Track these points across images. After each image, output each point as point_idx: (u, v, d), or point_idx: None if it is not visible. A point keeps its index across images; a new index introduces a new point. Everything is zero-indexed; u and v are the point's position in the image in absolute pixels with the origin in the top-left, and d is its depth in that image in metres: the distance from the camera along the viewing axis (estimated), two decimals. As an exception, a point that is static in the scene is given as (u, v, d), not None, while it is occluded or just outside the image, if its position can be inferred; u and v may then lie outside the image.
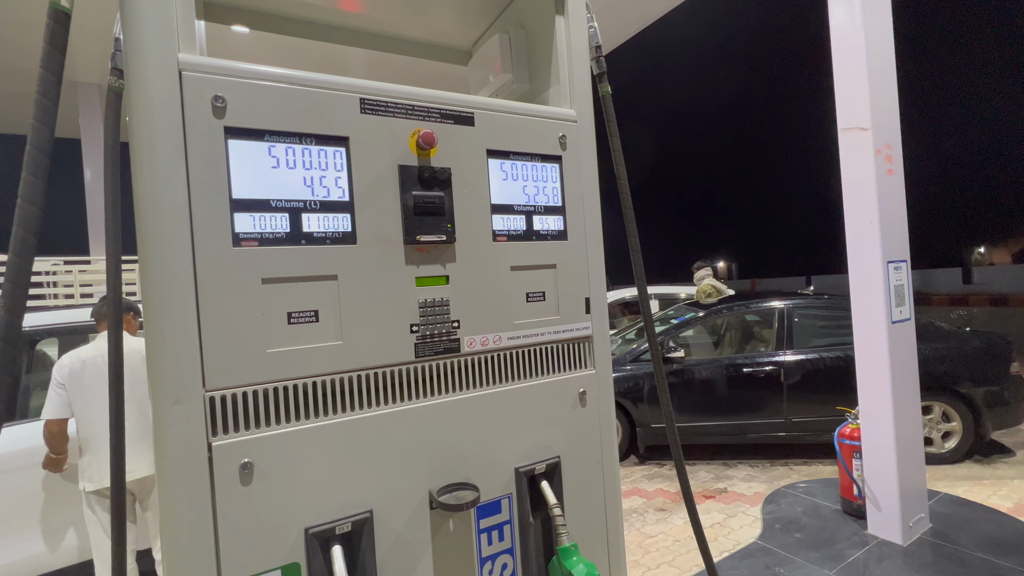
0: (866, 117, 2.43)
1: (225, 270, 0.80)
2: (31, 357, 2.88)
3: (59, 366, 2.42)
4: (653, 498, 4.20)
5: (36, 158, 0.74)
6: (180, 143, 0.77)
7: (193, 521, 0.77)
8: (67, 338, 3.33)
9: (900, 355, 2.57)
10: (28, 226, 0.72)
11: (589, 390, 1.17)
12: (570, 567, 0.97)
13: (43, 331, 2.94)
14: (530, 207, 1.10)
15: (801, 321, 4.91)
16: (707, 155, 43.52)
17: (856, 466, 2.78)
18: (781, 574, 2.41)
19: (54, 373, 2.40)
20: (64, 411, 2.38)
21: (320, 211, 0.88)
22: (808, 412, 4.55)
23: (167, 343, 0.76)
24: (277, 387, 0.83)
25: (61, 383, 2.37)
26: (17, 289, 0.71)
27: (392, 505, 0.92)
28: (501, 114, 1.07)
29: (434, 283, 0.98)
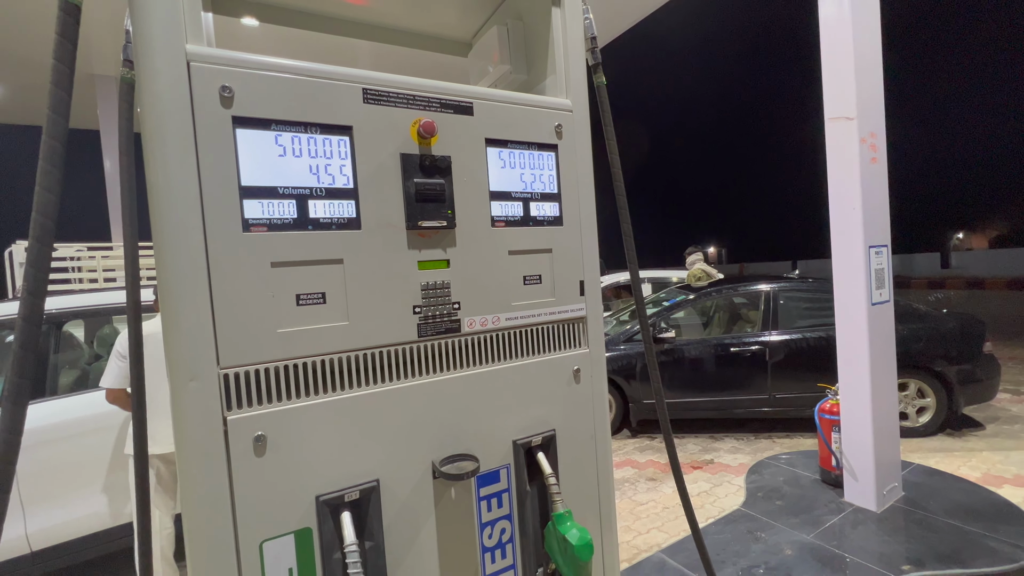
0: (852, 107, 2.40)
1: (236, 254, 0.79)
2: (58, 338, 2.90)
3: (122, 338, 2.45)
4: (644, 468, 4.25)
5: (52, 147, 0.73)
6: (190, 132, 0.76)
7: (211, 490, 0.78)
8: (92, 320, 3.35)
9: (879, 335, 2.57)
10: (46, 212, 0.71)
11: (583, 368, 1.17)
12: (564, 532, 0.99)
13: (69, 313, 2.95)
14: (527, 194, 1.09)
15: (786, 303, 4.91)
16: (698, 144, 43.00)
17: (835, 439, 2.80)
18: (762, 538, 2.46)
19: (116, 346, 2.44)
20: (122, 382, 2.42)
21: (326, 198, 0.87)
22: (791, 389, 4.58)
23: (182, 324, 0.76)
24: (287, 365, 0.84)
25: (124, 355, 2.40)
26: (38, 272, 0.71)
27: (397, 475, 0.93)
28: (499, 104, 1.05)
29: (435, 267, 0.97)
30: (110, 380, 2.42)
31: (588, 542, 0.97)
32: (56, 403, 2.70)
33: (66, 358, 3.06)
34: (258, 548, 0.81)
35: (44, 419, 2.61)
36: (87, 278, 5.49)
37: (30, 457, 2.53)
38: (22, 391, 0.69)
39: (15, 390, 0.69)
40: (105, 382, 2.43)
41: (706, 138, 42.75)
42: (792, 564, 2.24)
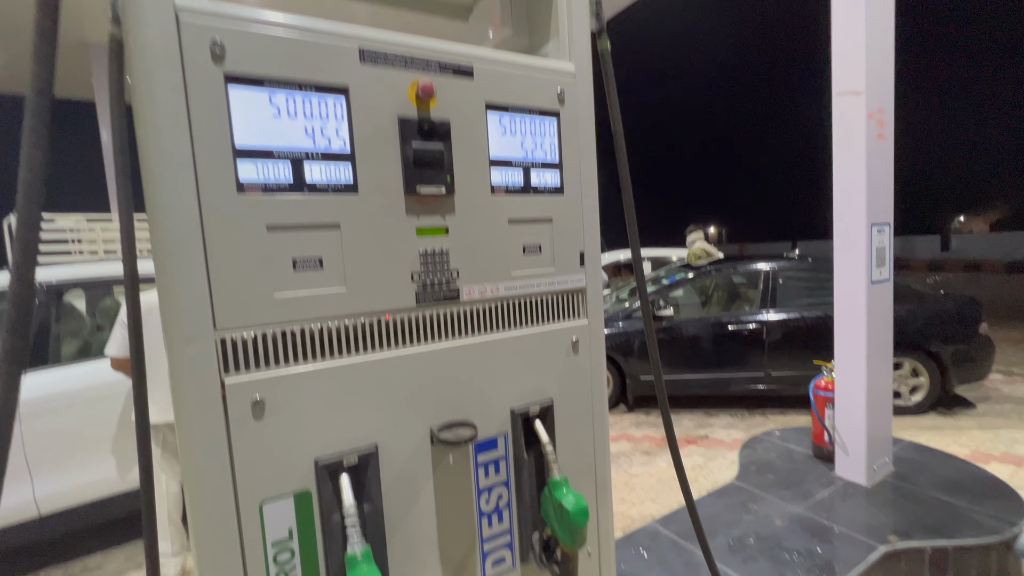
0: (861, 81, 2.33)
1: (230, 217, 0.77)
2: (59, 307, 2.90)
3: (125, 308, 2.45)
4: (639, 443, 4.32)
5: (38, 104, 0.70)
6: (180, 90, 0.74)
7: (210, 452, 0.78)
8: (93, 291, 3.35)
9: (877, 314, 2.57)
10: (35, 170, 0.69)
11: (581, 339, 1.16)
12: (560, 498, 1.00)
13: (70, 283, 2.95)
14: (528, 162, 1.06)
15: (785, 283, 4.90)
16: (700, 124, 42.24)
17: (828, 415, 2.83)
18: (754, 510, 2.50)
19: (120, 315, 2.45)
20: (126, 350, 2.42)
21: (322, 161, 0.84)
22: (786, 367, 4.62)
23: (177, 286, 0.75)
24: (285, 330, 0.83)
25: (126, 324, 2.40)
26: (30, 233, 0.69)
27: (396, 440, 0.93)
28: (500, 67, 1.01)
29: (434, 234, 0.96)
30: (114, 349, 2.43)
31: (583, 508, 0.98)
32: (60, 372, 2.71)
33: (68, 328, 3.07)
34: (258, 509, 0.81)
35: (48, 387, 2.63)
36: (87, 249, 5.46)
37: (36, 425, 2.56)
38: (18, 351, 0.68)
39: (12, 351, 0.68)
40: (110, 351, 2.44)
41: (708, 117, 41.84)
42: (782, 534, 2.29)
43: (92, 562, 2.85)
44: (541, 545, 1.10)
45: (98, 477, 2.73)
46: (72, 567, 2.81)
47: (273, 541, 0.83)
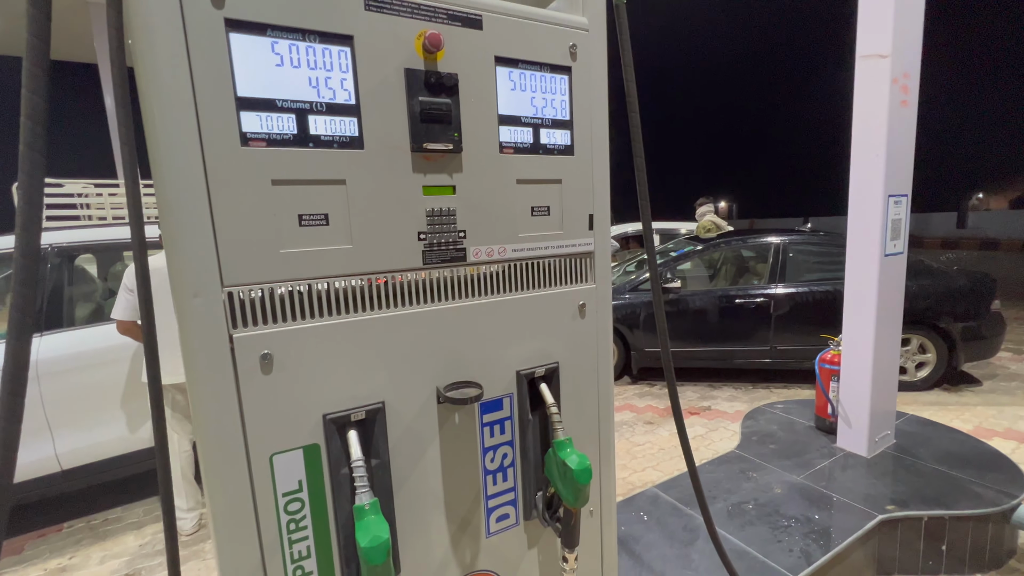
0: (887, 44, 2.23)
1: (235, 169, 0.76)
2: (71, 271, 2.93)
3: (129, 272, 2.47)
4: (642, 413, 4.37)
5: (35, 47, 0.68)
6: (180, 36, 0.71)
7: (220, 406, 0.79)
8: (104, 255, 3.37)
9: (888, 287, 2.53)
10: (35, 117, 0.68)
11: (588, 303, 1.16)
12: (564, 457, 1.01)
13: (80, 247, 2.97)
14: (537, 120, 1.03)
15: (795, 256, 4.84)
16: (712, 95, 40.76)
17: (832, 388, 2.83)
18: (753, 478, 2.54)
19: (124, 279, 2.47)
20: (131, 314, 2.46)
21: (326, 113, 0.82)
22: (792, 341, 4.61)
23: (183, 240, 0.74)
24: (292, 286, 0.83)
25: (130, 288, 2.43)
26: (31, 208, 0.69)
27: (403, 398, 0.94)
28: (510, 18, 0.97)
29: (441, 192, 0.94)
30: (119, 312, 2.46)
31: (587, 467, 0.99)
32: (74, 334, 2.76)
33: (80, 291, 3.11)
34: (268, 460, 0.83)
35: (64, 349, 2.69)
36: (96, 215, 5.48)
37: (53, 384, 2.63)
38: (24, 327, 0.68)
39: (21, 300, 0.68)
40: (115, 314, 2.47)
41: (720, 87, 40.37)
42: (780, 501, 2.33)
43: (112, 515, 2.97)
44: (544, 503, 1.12)
45: (114, 435, 2.82)
46: (94, 519, 2.93)
47: (284, 492, 0.85)
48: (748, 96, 37.87)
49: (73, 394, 2.69)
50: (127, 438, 2.86)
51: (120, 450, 2.86)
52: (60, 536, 2.78)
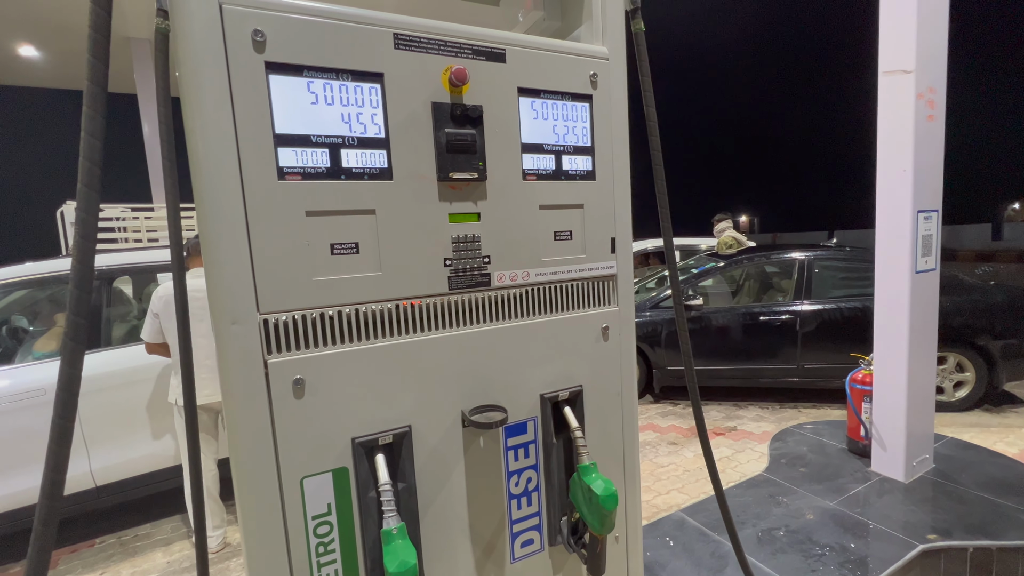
0: (910, 59, 2.20)
1: (272, 202, 0.80)
2: (109, 293, 3.05)
3: (155, 296, 2.57)
4: (666, 433, 4.28)
5: (94, 93, 0.74)
6: (224, 79, 0.76)
7: (254, 429, 0.81)
8: (139, 276, 3.51)
9: (921, 304, 2.45)
10: (92, 157, 0.73)
11: (612, 326, 1.16)
12: (589, 483, 1.00)
13: (118, 270, 3.10)
14: (559, 146, 1.06)
15: (821, 272, 4.73)
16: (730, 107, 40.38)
17: (865, 409, 2.74)
18: (784, 502, 2.46)
19: (151, 301, 2.57)
20: (156, 336, 2.56)
21: (358, 147, 0.86)
22: (821, 359, 4.47)
23: (222, 270, 0.78)
24: (323, 312, 0.85)
25: (155, 312, 2.53)
26: (86, 242, 0.73)
27: (429, 422, 0.95)
28: (532, 51, 1.00)
29: (466, 219, 0.96)
30: (146, 334, 2.56)
31: (613, 493, 0.98)
32: (110, 353, 2.87)
33: (117, 312, 3.24)
34: (299, 483, 0.85)
35: (101, 368, 2.79)
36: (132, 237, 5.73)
37: (90, 402, 2.72)
38: (79, 328, 0.72)
39: (73, 328, 0.72)
40: (144, 335, 2.57)
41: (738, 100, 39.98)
42: (813, 528, 2.24)
43: (141, 531, 3.03)
44: (569, 529, 1.11)
45: (145, 452, 2.89)
46: (124, 535, 2.99)
47: (313, 515, 0.86)
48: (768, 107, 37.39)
49: (108, 412, 2.78)
50: (157, 455, 2.93)
51: (150, 467, 2.93)
52: (92, 551, 2.84)
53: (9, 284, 2.86)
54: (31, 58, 6.77)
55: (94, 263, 0.75)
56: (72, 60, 6.95)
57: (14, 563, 2.78)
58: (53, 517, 0.71)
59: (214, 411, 2.66)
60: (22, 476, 2.58)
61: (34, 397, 2.61)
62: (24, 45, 6.41)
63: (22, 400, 2.58)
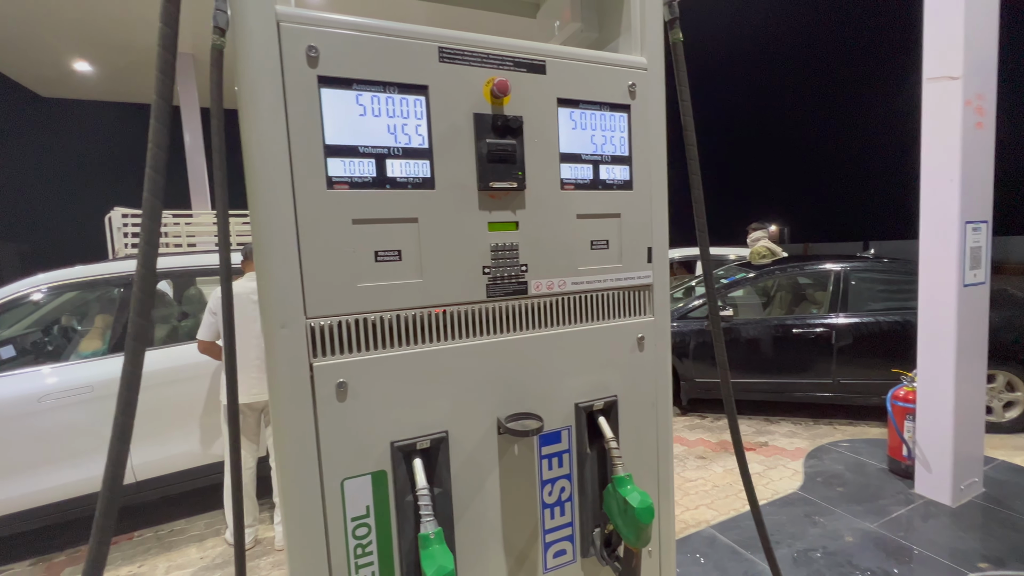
0: (958, 65, 2.13)
1: (321, 211, 0.83)
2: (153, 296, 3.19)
3: (215, 296, 2.69)
4: (694, 447, 4.18)
5: (160, 106, 0.78)
6: (280, 92, 0.79)
7: (299, 430, 0.84)
8: (179, 281, 3.66)
9: (969, 320, 2.34)
10: (157, 167, 0.77)
11: (647, 336, 1.15)
12: (625, 494, 0.99)
13: (160, 274, 3.24)
14: (597, 156, 1.06)
15: (858, 284, 4.57)
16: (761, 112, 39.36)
17: (908, 427, 2.62)
18: (820, 523, 2.37)
19: (210, 302, 2.68)
20: (212, 334, 2.67)
21: (402, 157, 0.88)
22: (858, 374, 4.31)
23: (274, 275, 0.81)
24: (367, 318, 0.88)
25: (213, 311, 2.65)
26: (150, 248, 0.77)
27: (465, 428, 0.96)
28: (572, 62, 1.01)
29: (505, 228, 0.98)
30: (203, 333, 2.67)
31: (649, 505, 0.97)
32: (152, 354, 2.99)
33: (160, 314, 3.38)
34: (340, 485, 0.87)
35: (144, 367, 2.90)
36: (173, 243, 5.97)
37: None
38: (142, 330, 0.76)
39: (137, 329, 0.76)
40: (200, 334, 2.68)
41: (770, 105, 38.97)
42: (853, 551, 2.15)
43: (177, 526, 3.13)
44: (602, 540, 1.10)
45: (181, 450, 2.99)
46: (161, 530, 3.10)
47: (352, 516, 0.88)
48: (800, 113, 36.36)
49: (150, 409, 2.89)
50: (194, 453, 3.03)
51: (187, 464, 3.03)
52: (131, 544, 2.95)
53: (60, 286, 3.01)
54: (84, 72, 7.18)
55: (156, 270, 0.79)
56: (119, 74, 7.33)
57: (59, 552, 2.90)
58: (113, 508, 0.75)
59: (256, 410, 2.74)
60: (69, 469, 2.70)
61: (81, 394, 2.74)
62: (79, 61, 6.81)
63: (71, 396, 2.72)
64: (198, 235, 6.18)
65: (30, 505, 2.65)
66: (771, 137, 39.32)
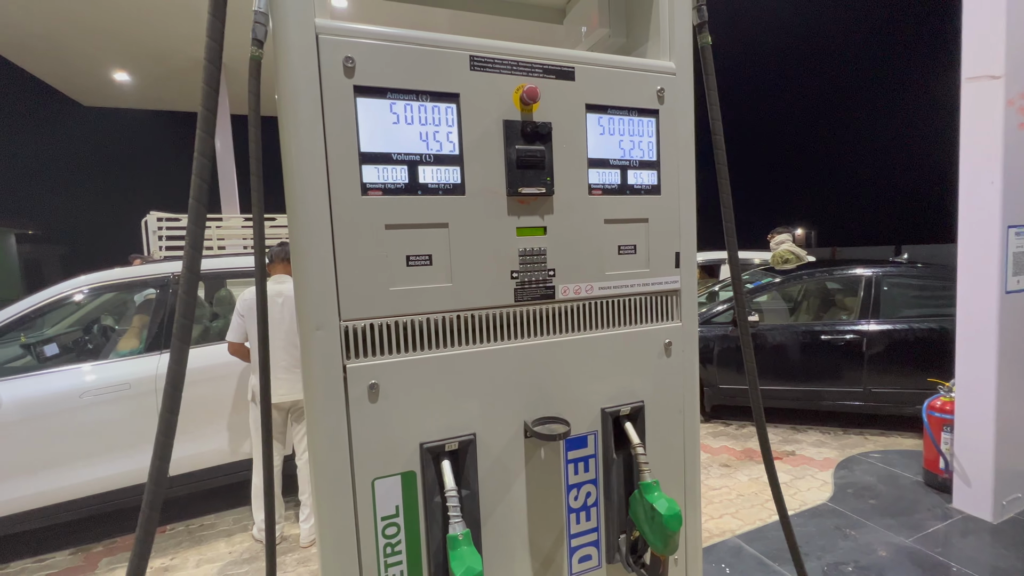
0: (999, 64, 2.05)
1: (355, 216, 0.85)
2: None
3: (241, 298, 2.76)
4: (717, 454, 4.11)
5: (206, 117, 0.81)
6: (318, 101, 0.82)
7: (333, 429, 0.86)
8: (210, 282, 3.78)
9: (1011, 328, 2.25)
10: (203, 175, 0.81)
11: (675, 341, 1.14)
12: (652, 501, 0.98)
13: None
14: (625, 161, 1.06)
15: (891, 290, 4.42)
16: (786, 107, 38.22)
17: (944, 439, 2.52)
18: (852, 536, 2.30)
19: (237, 304, 2.77)
20: (240, 336, 2.74)
21: (434, 164, 0.90)
22: (890, 383, 4.17)
23: (311, 278, 0.83)
24: (398, 321, 0.89)
25: (241, 313, 2.72)
26: (195, 251, 0.81)
27: (492, 431, 0.97)
28: (601, 68, 1.02)
29: (533, 233, 0.98)
30: (231, 334, 2.74)
31: (677, 512, 0.96)
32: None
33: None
34: (370, 484, 0.88)
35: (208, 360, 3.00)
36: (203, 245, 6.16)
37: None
38: (186, 331, 0.79)
39: (181, 330, 0.80)
40: (228, 336, 2.76)
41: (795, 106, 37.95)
42: (886, 565, 2.08)
43: (207, 521, 3.22)
44: (628, 547, 1.09)
45: (212, 447, 3.08)
46: (192, 524, 3.19)
47: (382, 515, 0.90)
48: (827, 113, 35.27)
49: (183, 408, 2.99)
50: (222, 451, 3.12)
51: (216, 461, 3.12)
52: (164, 537, 3.05)
53: (100, 287, 3.14)
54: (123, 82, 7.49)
55: (199, 272, 0.82)
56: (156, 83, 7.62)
57: (96, 543, 3.02)
58: (158, 500, 0.78)
59: (283, 410, 2.81)
60: (107, 463, 2.81)
61: (119, 391, 2.85)
62: (119, 71, 7.10)
63: (109, 393, 2.83)
64: (227, 238, 6.37)
65: (71, 497, 2.76)
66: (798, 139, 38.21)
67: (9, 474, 2.64)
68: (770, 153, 40.01)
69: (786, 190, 38.47)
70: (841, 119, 35.76)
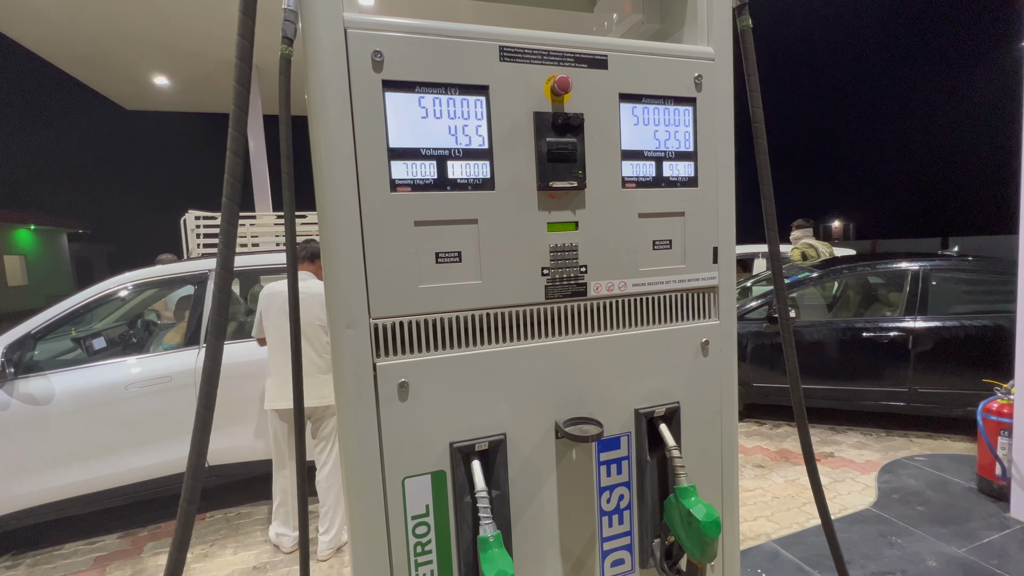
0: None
1: (384, 213, 0.84)
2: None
3: (260, 295, 2.82)
4: (751, 455, 3.99)
5: (238, 116, 0.82)
6: (346, 97, 0.81)
7: (363, 427, 0.86)
8: (244, 278, 3.89)
9: (1079, 326, 2.08)
10: (235, 174, 0.81)
11: (712, 340, 1.09)
12: (689, 506, 0.95)
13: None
14: (660, 153, 1.02)
15: (939, 285, 4.18)
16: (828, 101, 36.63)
17: (1002, 444, 2.37)
18: (898, 544, 2.19)
19: (259, 300, 2.82)
20: (258, 332, 2.80)
21: (463, 158, 0.88)
22: (938, 383, 3.95)
23: (341, 276, 0.83)
24: (428, 319, 0.88)
25: (260, 310, 2.78)
26: (230, 227, 0.81)
27: (523, 431, 0.95)
28: (635, 55, 0.98)
29: (564, 228, 0.95)
30: (255, 330, 2.81)
31: (716, 519, 0.92)
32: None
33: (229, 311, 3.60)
34: (401, 483, 0.88)
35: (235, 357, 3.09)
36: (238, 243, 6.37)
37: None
38: (221, 327, 0.80)
39: (215, 327, 0.80)
40: (253, 333, 2.83)
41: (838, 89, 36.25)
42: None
43: (244, 510, 3.33)
44: (663, 552, 1.06)
45: (247, 442, 3.17)
46: (230, 512, 3.31)
47: (413, 515, 0.89)
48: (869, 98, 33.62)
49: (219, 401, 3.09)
50: (255, 448, 3.20)
51: (250, 457, 3.20)
52: (203, 525, 3.17)
53: (142, 284, 3.27)
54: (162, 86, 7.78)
55: (233, 270, 0.83)
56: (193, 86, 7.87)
57: (142, 528, 3.16)
58: (195, 494, 0.80)
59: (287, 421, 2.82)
60: (151, 451, 2.94)
61: (161, 383, 2.96)
62: (159, 76, 7.37)
63: (152, 385, 2.95)
64: (261, 235, 6.55)
65: (118, 484, 2.90)
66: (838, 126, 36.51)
67: (64, 461, 2.79)
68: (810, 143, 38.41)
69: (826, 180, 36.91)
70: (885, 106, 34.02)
